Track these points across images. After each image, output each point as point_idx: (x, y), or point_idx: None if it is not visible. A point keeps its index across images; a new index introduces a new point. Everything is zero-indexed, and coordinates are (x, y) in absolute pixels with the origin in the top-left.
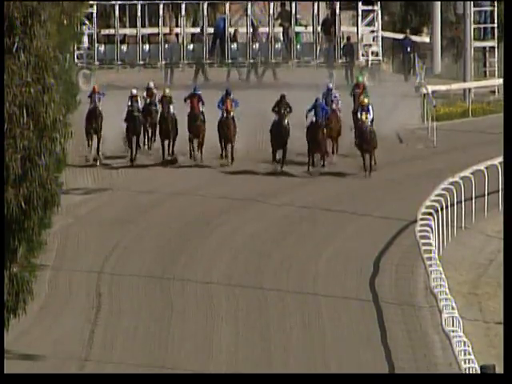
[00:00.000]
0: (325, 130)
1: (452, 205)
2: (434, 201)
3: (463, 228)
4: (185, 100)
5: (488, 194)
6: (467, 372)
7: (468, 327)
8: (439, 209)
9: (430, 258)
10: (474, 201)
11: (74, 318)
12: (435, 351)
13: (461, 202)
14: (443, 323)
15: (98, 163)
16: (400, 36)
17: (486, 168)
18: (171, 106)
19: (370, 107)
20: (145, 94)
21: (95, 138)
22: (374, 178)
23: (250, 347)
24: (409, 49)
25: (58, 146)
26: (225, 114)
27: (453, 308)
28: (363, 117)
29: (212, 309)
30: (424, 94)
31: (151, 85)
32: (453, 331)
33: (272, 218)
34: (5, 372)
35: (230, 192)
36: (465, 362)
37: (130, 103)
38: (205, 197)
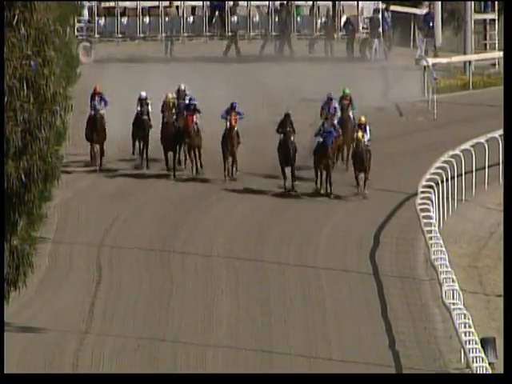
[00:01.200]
0: (330, 150)
1: (452, 178)
2: (435, 174)
3: (463, 201)
4: (222, 117)
5: (488, 167)
6: (467, 344)
7: (468, 300)
8: (439, 182)
9: (430, 231)
10: (474, 174)
11: (75, 290)
12: (435, 324)
13: (461, 174)
14: (443, 296)
15: (99, 168)
16: (407, 9)
17: (487, 141)
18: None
19: (368, 127)
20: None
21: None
22: (374, 152)
23: (250, 320)
24: (431, 24)
25: (58, 119)
26: (228, 127)
27: (453, 281)
28: (359, 134)
29: (212, 282)
30: (424, 67)
31: (182, 87)
32: (453, 304)
33: (272, 192)
34: (5, 345)
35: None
36: (465, 335)
37: (139, 107)
38: (205, 170)
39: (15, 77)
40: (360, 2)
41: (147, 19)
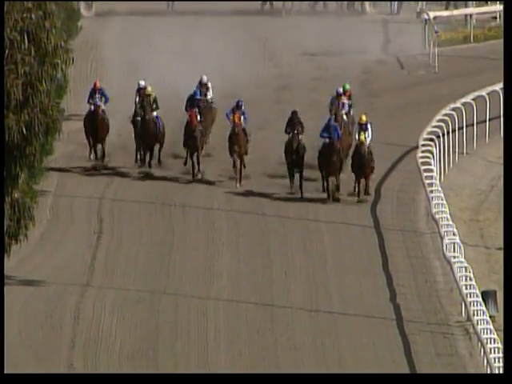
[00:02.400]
0: (340, 152)
1: (453, 131)
2: (436, 127)
3: (464, 154)
4: (227, 115)
5: (489, 120)
6: (468, 297)
7: (469, 253)
8: (440, 135)
9: (431, 185)
10: (475, 127)
11: (76, 243)
12: (436, 277)
13: (462, 128)
14: (444, 249)
15: (99, 168)
16: None
17: (488, 94)
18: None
19: (369, 126)
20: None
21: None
22: (376, 105)
23: (250, 273)
24: None
25: (59, 72)
26: (233, 126)
27: (454, 234)
28: (361, 137)
29: (213, 235)
30: (426, 20)
31: (205, 79)
32: (454, 257)
33: (274, 145)
34: (6, 299)
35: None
36: (466, 288)
37: (137, 98)
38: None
39: (16, 30)
40: None
41: None
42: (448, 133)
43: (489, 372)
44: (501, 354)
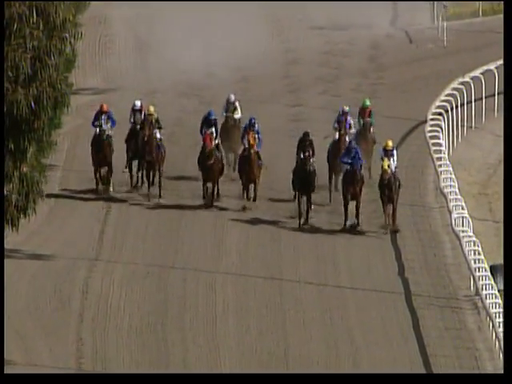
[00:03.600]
0: (363, 181)
1: (462, 105)
2: (444, 101)
3: (473, 128)
4: (242, 138)
5: (498, 94)
6: (476, 271)
7: (478, 227)
8: (449, 109)
9: (439, 159)
10: (484, 101)
11: (84, 218)
12: (445, 251)
13: (471, 102)
14: (453, 223)
15: (104, 193)
16: None
17: (496, 68)
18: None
19: (395, 152)
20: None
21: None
22: (384, 79)
23: (259, 247)
24: None
25: (67, 46)
26: (246, 147)
27: (462, 208)
28: (385, 164)
29: (222, 210)
30: None
31: (232, 98)
32: (462, 231)
33: (283, 116)
34: (15, 273)
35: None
36: (474, 262)
37: (133, 118)
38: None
39: (25, 4)
40: None
41: None
42: (456, 107)
43: (497, 346)
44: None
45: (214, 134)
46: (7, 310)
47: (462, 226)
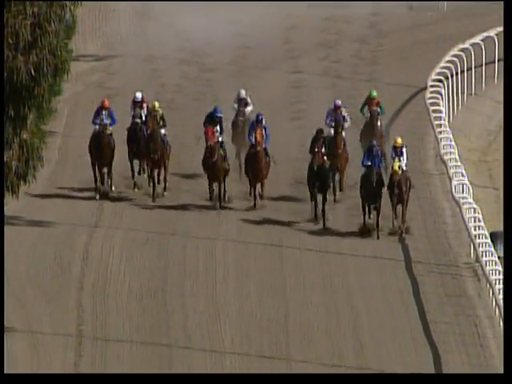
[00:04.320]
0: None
1: (462, 71)
2: (444, 67)
3: (473, 95)
4: (249, 136)
5: (498, 61)
6: (477, 238)
7: (478, 194)
8: (449, 75)
9: (439, 125)
10: (484, 67)
11: (85, 184)
12: (445, 218)
13: (471, 68)
14: (453, 190)
15: (98, 197)
16: None
17: (496, 34)
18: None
19: (404, 149)
20: None
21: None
22: (384, 45)
23: (260, 214)
24: None
25: (67, 13)
26: (253, 145)
27: (463, 175)
28: (395, 165)
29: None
30: None
31: (243, 93)
32: (462, 198)
33: (283, 82)
34: (15, 239)
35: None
36: (474, 229)
37: (133, 112)
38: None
39: None
40: None
41: None
42: (457, 73)
43: (497, 313)
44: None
45: (218, 132)
46: (7, 276)
47: (462, 192)
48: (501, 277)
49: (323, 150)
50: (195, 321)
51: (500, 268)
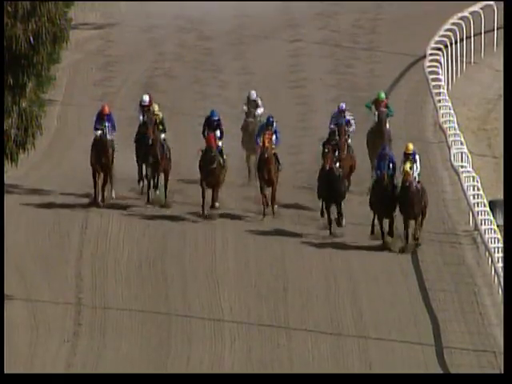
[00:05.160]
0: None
1: (461, 40)
2: (443, 36)
3: (472, 63)
4: (257, 137)
5: (497, 29)
6: (475, 206)
7: (477, 162)
8: (448, 44)
9: (438, 94)
10: (483, 36)
11: (84, 153)
12: (444, 187)
13: (470, 37)
14: (452, 159)
15: (102, 203)
16: None
17: (495, 2)
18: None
19: (417, 156)
20: None
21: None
22: (383, 14)
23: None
24: None
25: None
26: (264, 151)
27: (461, 143)
28: (406, 166)
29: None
30: None
31: (254, 95)
32: (461, 166)
33: (282, 51)
34: (15, 208)
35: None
36: (473, 197)
37: (142, 117)
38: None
39: None
40: None
41: None
42: (456, 42)
43: (496, 281)
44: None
45: (218, 138)
46: (7, 245)
47: (461, 161)
48: (500, 245)
49: (336, 153)
50: (194, 290)
51: (499, 236)
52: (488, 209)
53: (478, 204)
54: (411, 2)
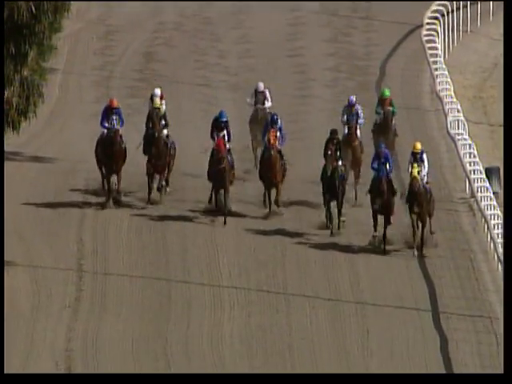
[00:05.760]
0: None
1: (457, 9)
2: (440, 5)
3: (468, 32)
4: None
5: None
6: (472, 174)
7: (473, 130)
8: (445, 13)
9: (435, 62)
10: (479, 4)
11: (84, 120)
12: (441, 154)
13: (466, 5)
14: (448, 126)
15: (112, 204)
16: None
17: None
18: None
19: (425, 155)
20: None
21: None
22: None
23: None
24: None
25: None
26: (269, 149)
27: (458, 111)
28: (414, 170)
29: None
30: None
31: (261, 87)
32: (458, 134)
33: (281, 21)
34: (16, 174)
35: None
36: (470, 164)
37: (152, 111)
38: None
39: None
40: None
41: None
42: (452, 11)
43: (491, 247)
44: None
45: (226, 139)
46: (8, 211)
47: (458, 128)
48: (496, 212)
49: (339, 156)
50: (194, 256)
51: (495, 203)
52: (484, 176)
53: (474, 171)
54: None
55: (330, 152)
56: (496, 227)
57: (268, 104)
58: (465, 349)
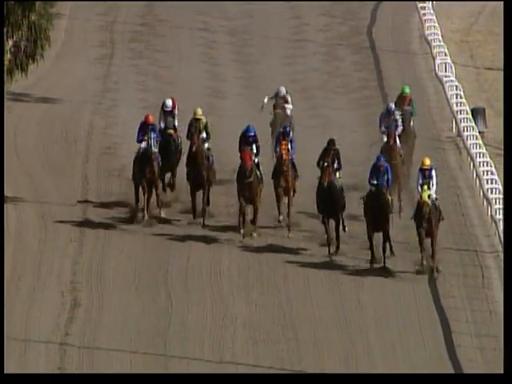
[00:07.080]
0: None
1: None
2: None
3: None
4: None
5: None
6: (458, 114)
7: (460, 72)
8: None
9: (423, 8)
10: None
11: (90, 63)
12: (429, 95)
13: None
14: (436, 69)
15: (144, 224)
16: None
17: None
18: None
19: (434, 172)
20: None
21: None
22: None
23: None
24: None
25: None
26: (282, 162)
27: (445, 54)
28: (424, 194)
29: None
30: None
31: (283, 91)
32: (445, 76)
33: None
34: (24, 115)
35: None
36: (456, 105)
37: (164, 123)
38: None
39: None
40: None
41: None
42: None
43: (477, 184)
44: (489, 168)
45: (255, 152)
46: (16, 150)
47: (445, 71)
48: (482, 150)
49: (337, 168)
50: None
51: (480, 142)
52: (470, 116)
53: (460, 111)
54: None
55: (326, 164)
56: (482, 165)
57: (290, 107)
58: (451, 281)
